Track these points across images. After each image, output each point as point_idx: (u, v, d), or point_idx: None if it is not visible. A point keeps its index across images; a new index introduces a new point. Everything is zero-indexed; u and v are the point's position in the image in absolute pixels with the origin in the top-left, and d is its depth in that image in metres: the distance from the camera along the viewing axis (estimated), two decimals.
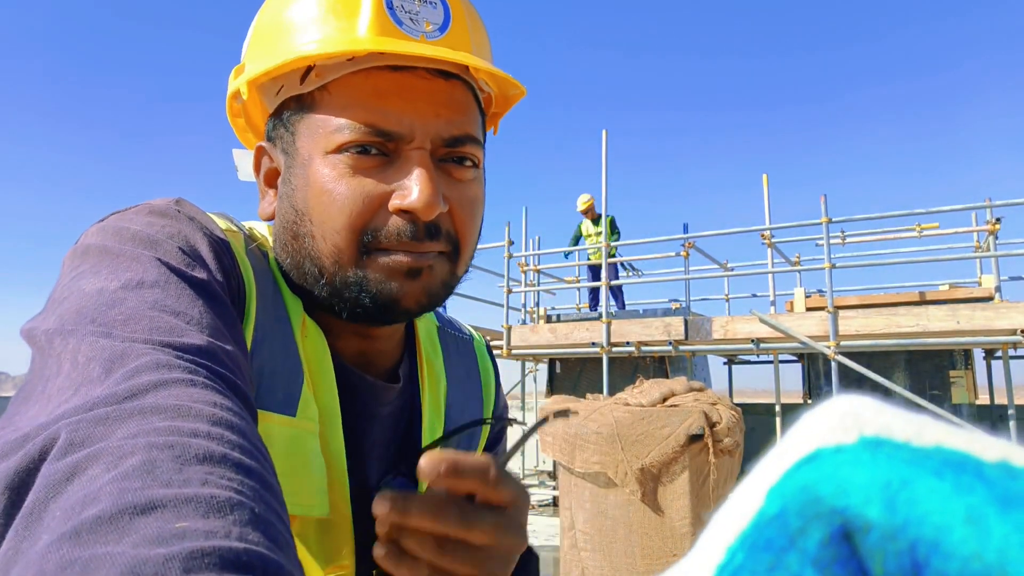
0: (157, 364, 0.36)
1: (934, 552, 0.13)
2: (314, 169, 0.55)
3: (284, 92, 0.58)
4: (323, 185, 0.54)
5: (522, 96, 0.66)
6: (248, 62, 0.61)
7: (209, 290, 0.46)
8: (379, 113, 0.53)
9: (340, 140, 0.53)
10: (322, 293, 0.57)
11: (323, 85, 0.55)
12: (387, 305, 0.55)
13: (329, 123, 0.54)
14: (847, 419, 0.16)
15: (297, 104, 0.57)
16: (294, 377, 0.56)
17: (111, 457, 0.29)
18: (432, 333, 0.74)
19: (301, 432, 0.55)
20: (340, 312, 0.57)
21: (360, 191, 0.53)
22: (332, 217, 0.54)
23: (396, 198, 0.54)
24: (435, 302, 0.58)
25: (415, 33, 0.55)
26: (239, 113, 0.67)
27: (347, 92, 0.54)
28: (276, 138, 0.60)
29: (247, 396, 0.41)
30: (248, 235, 0.60)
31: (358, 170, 0.54)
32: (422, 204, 0.52)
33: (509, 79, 0.60)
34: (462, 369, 0.75)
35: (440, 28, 0.56)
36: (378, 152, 0.54)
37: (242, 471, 0.31)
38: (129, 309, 0.40)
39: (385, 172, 0.54)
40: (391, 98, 0.54)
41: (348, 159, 0.54)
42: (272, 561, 0.27)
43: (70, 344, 0.38)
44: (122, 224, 0.49)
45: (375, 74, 0.54)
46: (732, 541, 0.15)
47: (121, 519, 0.26)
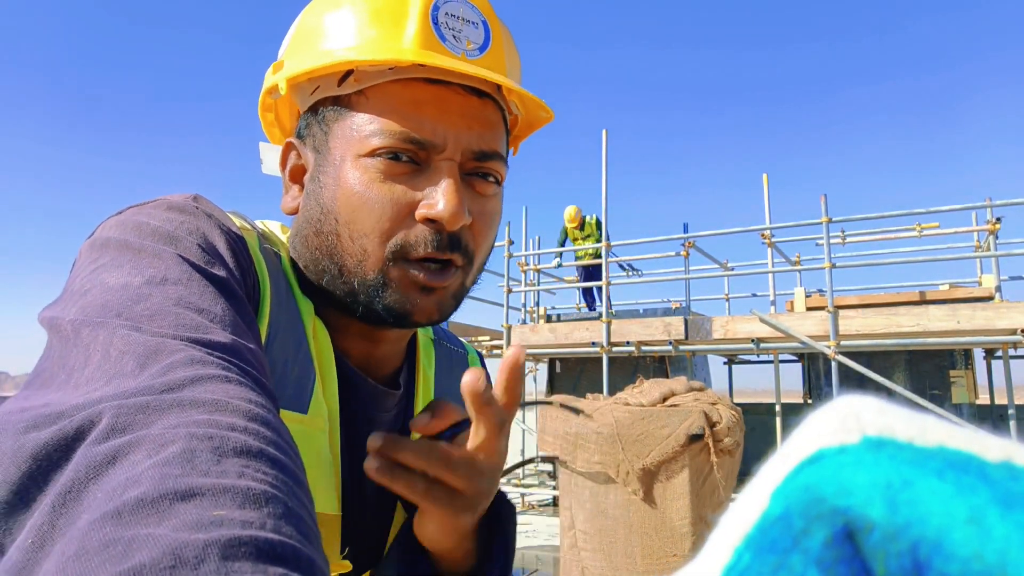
0: (192, 360, 0.37)
1: (936, 552, 0.13)
2: (345, 170, 0.56)
3: (320, 92, 0.59)
4: (353, 187, 0.55)
5: (549, 120, 0.67)
6: (288, 59, 0.62)
7: (229, 287, 0.47)
8: (415, 121, 0.55)
9: (374, 145, 0.55)
10: (339, 291, 0.58)
11: (360, 90, 0.56)
12: (399, 316, 0.57)
13: (364, 127, 0.56)
14: (850, 420, 0.16)
15: (333, 105, 0.58)
16: (305, 375, 0.57)
17: (152, 444, 0.30)
18: (428, 346, 0.75)
19: (311, 430, 0.55)
20: (352, 312, 0.58)
21: (390, 197, 0.55)
22: (361, 220, 0.55)
23: (423, 207, 0.55)
24: (445, 315, 0.60)
25: (456, 50, 0.56)
26: (270, 108, 0.68)
27: (385, 99, 0.56)
28: (307, 136, 0.61)
29: (272, 393, 0.42)
30: (261, 234, 0.60)
31: (388, 176, 0.55)
32: (448, 214, 0.54)
33: (539, 102, 0.62)
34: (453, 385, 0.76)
35: (480, 48, 0.58)
36: (409, 160, 0.55)
37: (276, 466, 0.32)
38: (155, 305, 0.41)
39: (414, 180, 0.56)
40: (427, 108, 0.55)
41: (380, 164, 0.55)
42: (304, 554, 0.27)
43: (100, 336, 0.38)
44: (141, 219, 0.49)
45: (413, 84, 0.56)
46: (738, 543, 0.15)
47: (162, 503, 0.27)
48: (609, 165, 7.97)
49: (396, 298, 0.56)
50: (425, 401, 0.71)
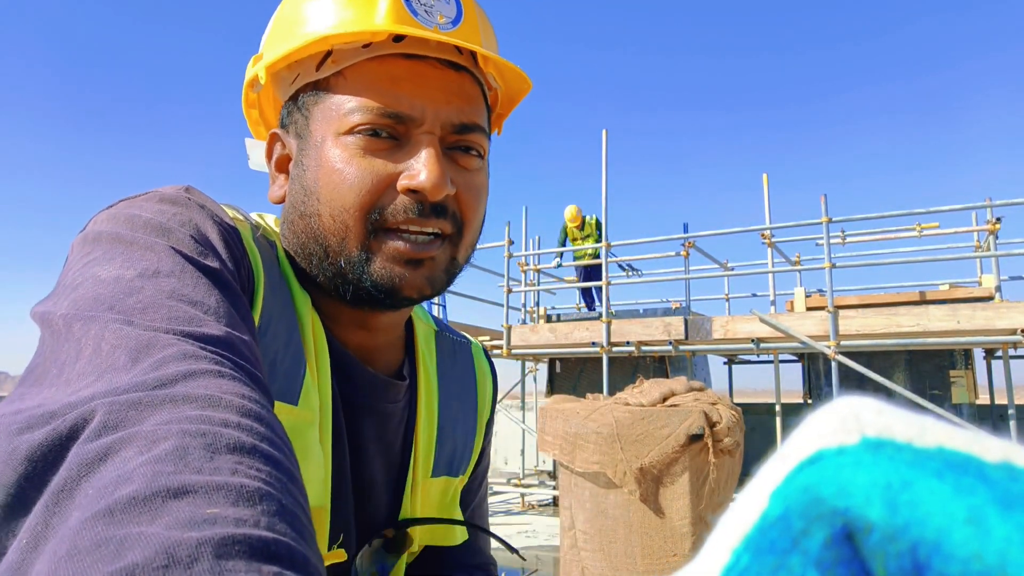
0: (184, 354, 0.36)
1: (935, 553, 0.13)
2: (326, 150, 0.56)
3: (300, 80, 0.60)
4: (334, 164, 0.56)
5: (528, 90, 0.68)
6: (267, 51, 0.62)
7: (222, 279, 0.47)
8: (392, 96, 0.55)
9: (352, 122, 0.55)
10: (326, 274, 0.58)
11: (338, 71, 0.57)
12: (388, 291, 0.57)
13: (343, 106, 0.56)
14: (849, 420, 0.16)
15: (313, 89, 0.59)
16: (296, 366, 0.56)
17: (144, 441, 0.30)
18: (429, 337, 0.75)
19: (301, 422, 0.55)
20: (343, 294, 0.59)
21: (370, 170, 0.55)
22: (342, 195, 0.55)
23: (404, 178, 0.55)
24: (436, 290, 0.60)
25: (429, 24, 0.57)
26: (254, 104, 0.69)
27: (362, 77, 0.56)
28: (290, 123, 0.61)
29: (266, 387, 0.41)
30: (254, 224, 0.60)
31: (368, 151, 0.55)
32: (430, 184, 0.54)
33: (516, 70, 0.62)
34: (457, 373, 0.77)
35: (452, 22, 0.58)
36: (389, 135, 0.56)
37: (270, 463, 0.32)
38: (147, 298, 0.40)
39: (395, 154, 0.56)
40: (404, 83, 0.56)
41: (359, 140, 0.55)
42: (299, 552, 0.27)
43: (92, 330, 0.38)
44: (133, 211, 0.49)
45: (389, 61, 0.56)
46: (737, 544, 0.15)
47: (154, 501, 0.26)
48: (609, 165, 7.97)
49: (382, 272, 0.56)
50: (427, 392, 0.71)
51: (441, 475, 0.72)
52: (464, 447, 0.76)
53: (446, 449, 0.73)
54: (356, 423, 0.63)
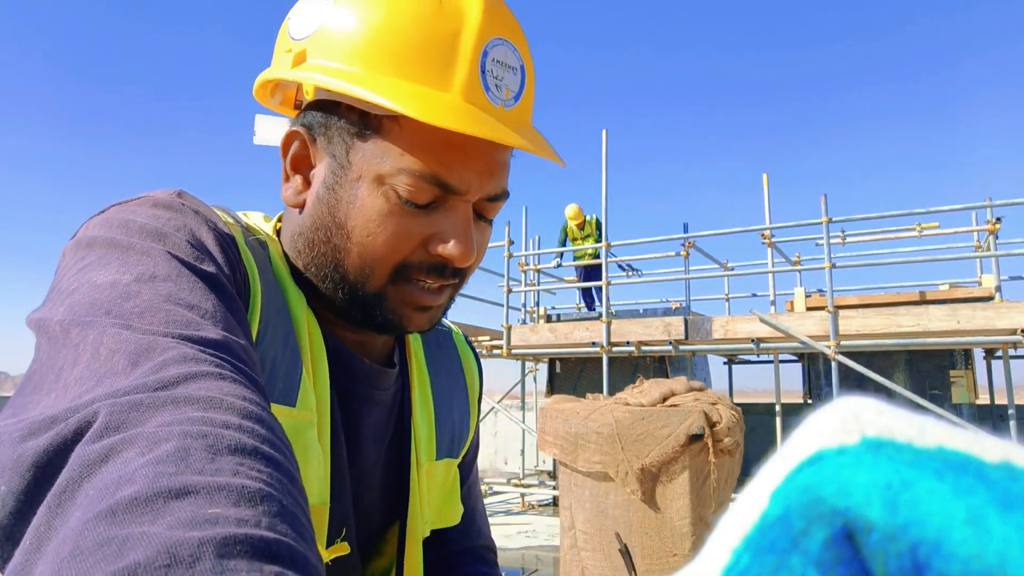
0: (184, 357, 0.37)
1: (935, 553, 0.13)
2: (364, 193, 0.56)
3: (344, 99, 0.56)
4: (371, 214, 0.56)
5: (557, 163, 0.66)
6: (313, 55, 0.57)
7: (218, 283, 0.47)
8: (444, 166, 0.55)
9: (401, 181, 0.54)
10: (339, 297, 0.60)
11: (394, 117, 0.55)
12: (395, 327, 0.60)
13: (392, 155, 0.55)
14: (849, 421, 0.16)
15: (360, 120, 0.56)
16: (294, 368, 0.57)
17: (146, 442, 0.30)
18: None
19: (300, 423, 0.56)
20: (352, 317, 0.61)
21: (407, 232, 0.56)
22: (375, 246, 0.56)
23: (438, 243, 0.57)
24: (434, 326, 0.63)
25: (496, 101, 0.56)
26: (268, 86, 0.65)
27: (417, 134, 0.54)
28: (321, 135, 0.58)
29: (264, 389, 0.41)
30: (245, 227, 0.60)
31: (408, 212, 0.56)
32: (460, 255, 0.57)
33: (555, 159, 0.62)
34: (444, 361, 0.78)
35: (515, 97, 0.58)
36: (430, 199, 0.56)
37: (271, 464, 0.32)
38: (144, 302, 0.40)
39: (432, 215, 0.57)
40: (457, 153, 0.55)
41: (402, 197, 0.55)
42: (299, 553, 0.27)
43: (89, 335, 0.38)
44: (126, 216, 0.48)
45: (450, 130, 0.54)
46: (737, 543, 0.15)
47: (156, 501, 0.27)
48: (609, 165, 7.97)
49: (394, 313, 0.59)
50: (419, 379, 0.73)
51: (444, 457, 0.74)
52: (461, 427, 0.78)
53: (446, 431, 0.74)
54: (354, 414, 0.64)
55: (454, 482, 0.77)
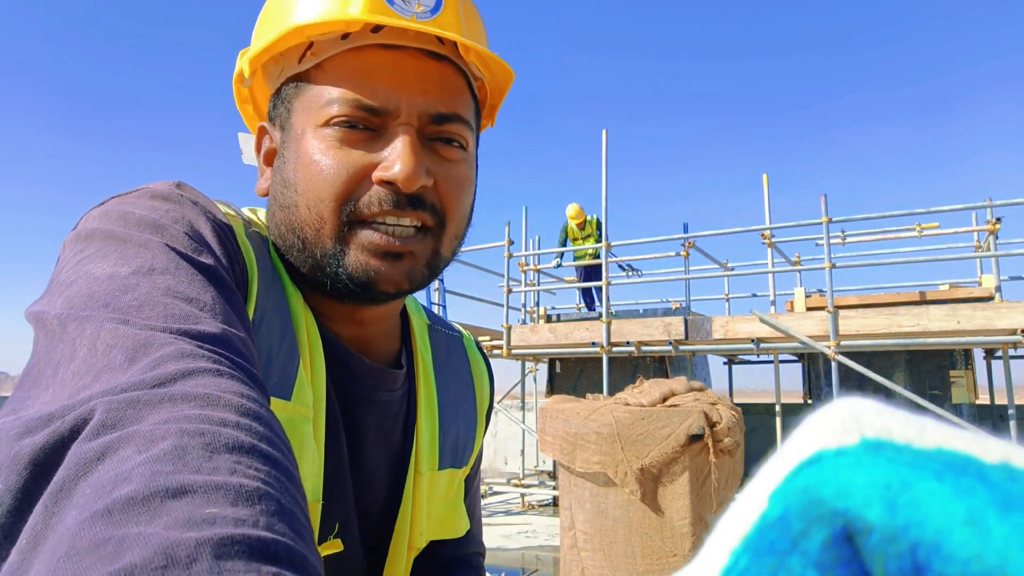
0: (182, 353, 0.36)
1: (934, 554, 0.13)
2: (305, 142, 0.57)
3: (284, 73, 0.60)
4: (311, 156, 0.56)
5: (511, 80, 0.67)
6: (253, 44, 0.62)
7: (217, 276, 0.46)
8: (367, 88, 0.55)
9: (329, 114, 0.55)
10: (306, 266, 0.58)
11: (318, 63, 0.57)
12: (364, 285, 0.56)
13: (321, 97, 0.56)
14: (848, 421, 0.16)
15: (295, 81, 0.59)
16: (290, 361, 0.56)
17: (143, 440, 0.30)
18: (423, 331, 0.75)
19: (295, 417, 0.55)
20: (323, 287, 0.58)
21: (345, 162, 0.55)
22: (317, 187, 0.55)
23: (379, 170, 0.55)
24: (416, 284, 0.59)
25: (406, 13, 0.56)
26: (247, 99, 0.69)
27: (340, 69, 0.56)
28: (275, 116, 0.62)
29: (263, 384, 0.41)
30: (246, 220, 0.60)
31: (345, 143, 0.55)
32: (404, 175, 0.54)
33: (497, 59, 0.61)
34: (453, 366, 0.77)
35: (431, 10, 0.58)
36: (365, 127, 0.56)
37: (269, 462, 0.31)
38: (142, 295, 0.40)
39: (371, 145, 0.56)
40: (380, 75, 0.56)
41: (337, 132, 0.55)
42: (297, 552, 0.27)
43: (87, 330, 0.37)
44: (125, 208, 0.48)
45: (367, 52, 0.56)
46: (736, 545, 0.15)
47: (153, 501, 0.26)
48: (609, 166, 7.97)
49: (356, 265, 0.56)
50: (426, 383, 0.71)
51: (447, 467, 0.72)
52: (467, 437, 0.76)
53: (449, 440, 0.72)
54: (354, 413, 0.63)
55: (458, 493, 0.75)
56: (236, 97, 0.68)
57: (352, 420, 0.63)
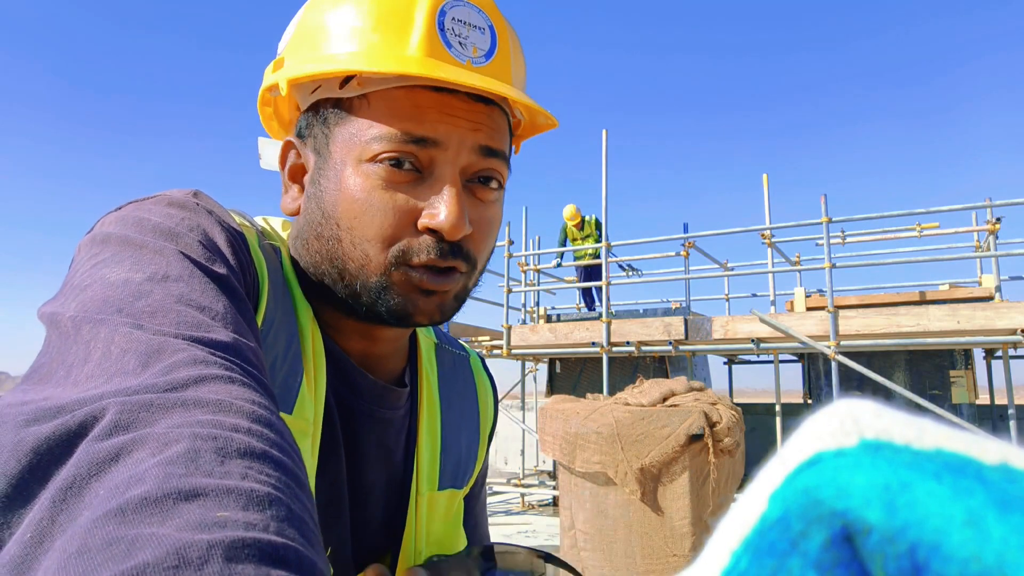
0: (195, 359, 0.36)
1: (934, 554, 0.14)
2: (347, 176, 0.56)
3: (321, 92, 0.59)
4: (355, 194, 0.55)
5: (552, 127, 0.67)
6: (289, 58, 0.61)
7: (229, 285, 0.47)
8: (416, 122, 0.54)
9: (376, 150, 0.55)
10: (340, 294, 0.58)
11: (364, 95, 0.56)
12: (401, 317, 0.57)
13: (366, 132, 0.55)
14: (848, 423, 0.16)
15: (335, 107, 0.58)
16: (293, 374, 0.56)
17: (156, 443, 0.30)
18: (430, 349, 0.75)
19: (295, 431, 0.55)
20: (355, 312, 0.59)
21: (392, 205, 0.55)
22: (363, 227, 0.55)
23: (426, 216, 0.55)
24: (447, 316, 0.60)
25: (462, 58, 0.56)
26: (269, 103, 0.68)
27: (387, 104, 0.55)
28: (308, 136, 0.61)
29: (273, 393, 0.41)
30: (260, 230, 0.60)
31: (391, 183, 0.55)
32: (450, 225, 0.54)
33: (542, 112, 0.62)
34: (458, 387, 0.76)
35: (486, 55, 0.58)
36: (411, 167, 0.55)
37: (280, 468, 0.32)
38: (156, 302, 0.40)
39: (416, 188, 0.56)
40: (430, 111, 0.55)
41: (382, 171, 0.55)
42: (307, 558, 0.27)
43: (101, 333, 0.38)
44: (141, 215, 0.49)
45: (417, 91, 0.55)
46: (736, 546, 0.15)
47: (165, 502, 0.27)
48: (609, 165, 7.97)
49: (398, 301, 0.57)
50: (429, 402, 0.71)
51: (447, 487, 0.71)
52: (468, 458, 0.75)
53: (450, 460, 0.72)
54: (356, 430, 0.63)
55: (457, 513, 0.75)
56: (260, 100, 0.68)
57: (353, 437, 0.63)
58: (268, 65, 0.64)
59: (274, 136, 0.70)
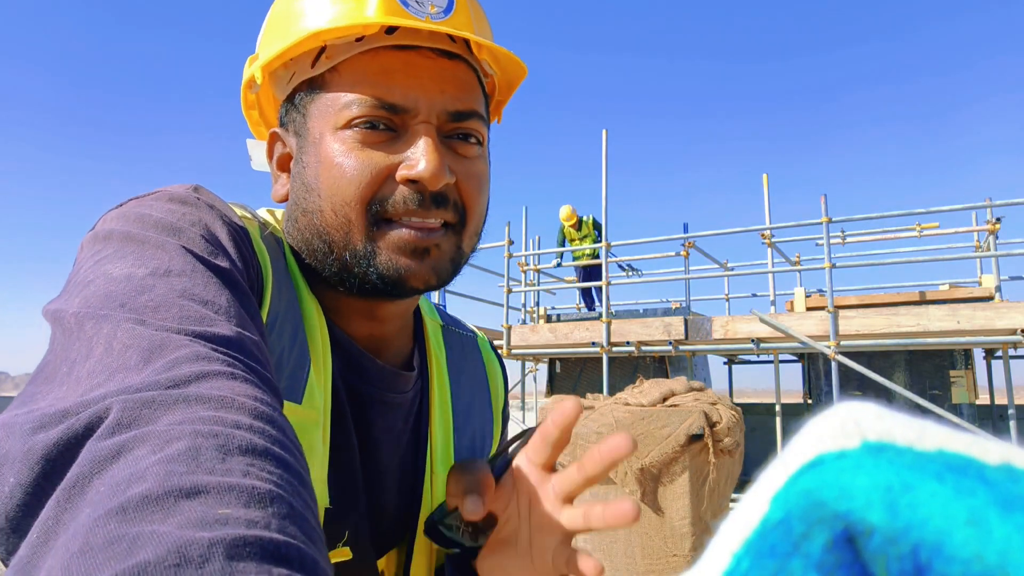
0: (197, 356, 0.36)
1: (936, 555, 0.13)
2: (325, 145, 0.57)
3: (296, 78, 0.60)
4: (333, 159, 0.56)
5: (524, 75, 0.67)
6: (262, 51, 0.62)
7: (232, 279, 0.47)
8: (385, 88, 0.55)
9: (349, 115, 0.55)
10: (331, 269, 0.58)
11: (333, 67, 0.57)
12: (394, 282, 0.57)
13: (338, 100, 0.56)
14: (849, 425, 0.16)
15: (308, 87, 0.59)
16: (301, 364, 0.56)
17: (158, 440, 0.30)
18: (437, 332, 0.75)
19: (305, 421, 0.55)
20: (350, 287, 0.59)
21: (368, 163, 0.55)
22: (342, 189, 0.55)
23: (403, 168, 0.55)
24: (442, 280, 0.59)
25: (420, 14, 0.57)
26: (253, 105, 0.69)
27: (356, 71, 0.56)
28: (289, 122, 0.62)
29: (276, 388, 0.41)
30: (262, 222, 0.61)
31: (367, 144, 0.56)
32: (429, 173, 0.55)
33: (511, 56, 0.62)
34: (467, 367, 0.76)
35: (444, 11, 0.58)
36: (386, 127, 0.56)
37: (281, 465, 0.32)
38: (158, 296, 0.41)
39: (393, 145, 0.56)
40: (397, 75, 0.56)
41: (357, 134, 0.56)
42: (308, 555, 0.27)
43: (103, 329, 0.38)
44: (143, 210, 0.49)
45: (383, 53, 0.56)
46: (738, 548, 0.15)
47: (167, 500, 0.26)
48: (609, 166, 7.97)
49: (387, 264, 0.56)
50: (440, 384, 0.71)
51: None
52: (484, 437, 0.76)
53: (465, 440, 0.72)
54: (366, 415, 0.63)
55: None
56: (243, 103, 0.68)
57: (364, 423, 0.63)
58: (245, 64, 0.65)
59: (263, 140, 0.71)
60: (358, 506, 0.61)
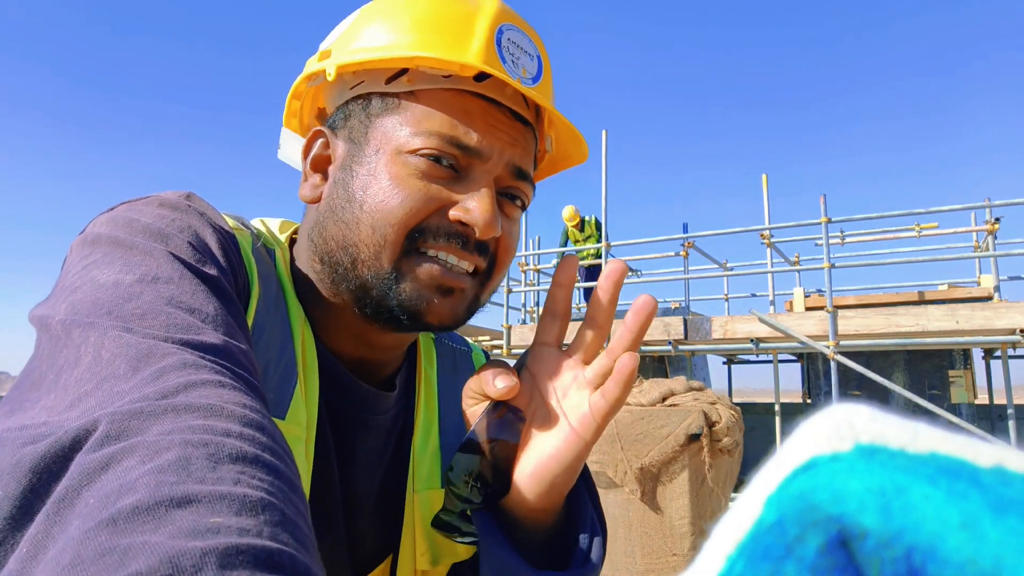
0: (184, 364, 0.36)
1: (929, 558, 0.14)
2: (383, 162, 0.56)
3: (364, 87, 0.59)
4: (390, 179, 0.55)
5: (580, 162, 0.69)
6: (337, 50, 0.61)
7: (220, 286, 0.47)
8: (465, 130, 0.55)
9: (418, 144, 0.55)
10: (347, 285, 0.57)
11: (412, 92, 0.57)
12: (412, 314, 0.56)
13: (412, 125, 0.56)
14: (843, 427, 0.16)
15: (380, 101, 0.58)
16: (287, 379, 0.56)
17: (147, 451, 0.30)
18: (428, 345, 0.74)
19: (288, 437, 0.54)
20: (361, 308, 0.58)
21: (425, 193, 0.55)
22: (390, 209, 0.55)
23: (458, 210, 0.56)
24: (457, 323, 0.59)
25: (514, 74, 0.57)
26: (300, 96, 0.68)
27: (438, 104, 0.56)
28: (342, 127, 0.61)
29: (263, 396, 0.41)
30: (256, 234, 0.60)
31: (427, 176, 0.56)
32: (484, 222, 0.55)
33: (576, 135, 0.63)
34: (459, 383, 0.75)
35: (533, 79, 0.59)
36: (450, 166, 0.56)
37: (272, 472, 0.31)
38: (146, 304, 0.40)
39: (452, 185, 0.56)
40: (478, 120, 0.56)
41: (422, 163, 0.55)
42: (301, 562, 0.27)
43: (91, 337, 0.37)
44: (133, 215, 0.49)
45: (465, 96, 0.56)
46: (731, 551, 0.15)
47: (158, 510, 0.26)
48: (609, 166, 7.97)
49: (411, 294, 0.56)
50: (427, 402, 0.70)
51: None
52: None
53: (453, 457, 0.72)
54: (346, 437, 0.62)
55: None
56: (292, 92, 0.67)
57: (343, 444, 0.62)
58: (311, 57, 0.64)
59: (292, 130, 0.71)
60: (334, 531, 0.60)
